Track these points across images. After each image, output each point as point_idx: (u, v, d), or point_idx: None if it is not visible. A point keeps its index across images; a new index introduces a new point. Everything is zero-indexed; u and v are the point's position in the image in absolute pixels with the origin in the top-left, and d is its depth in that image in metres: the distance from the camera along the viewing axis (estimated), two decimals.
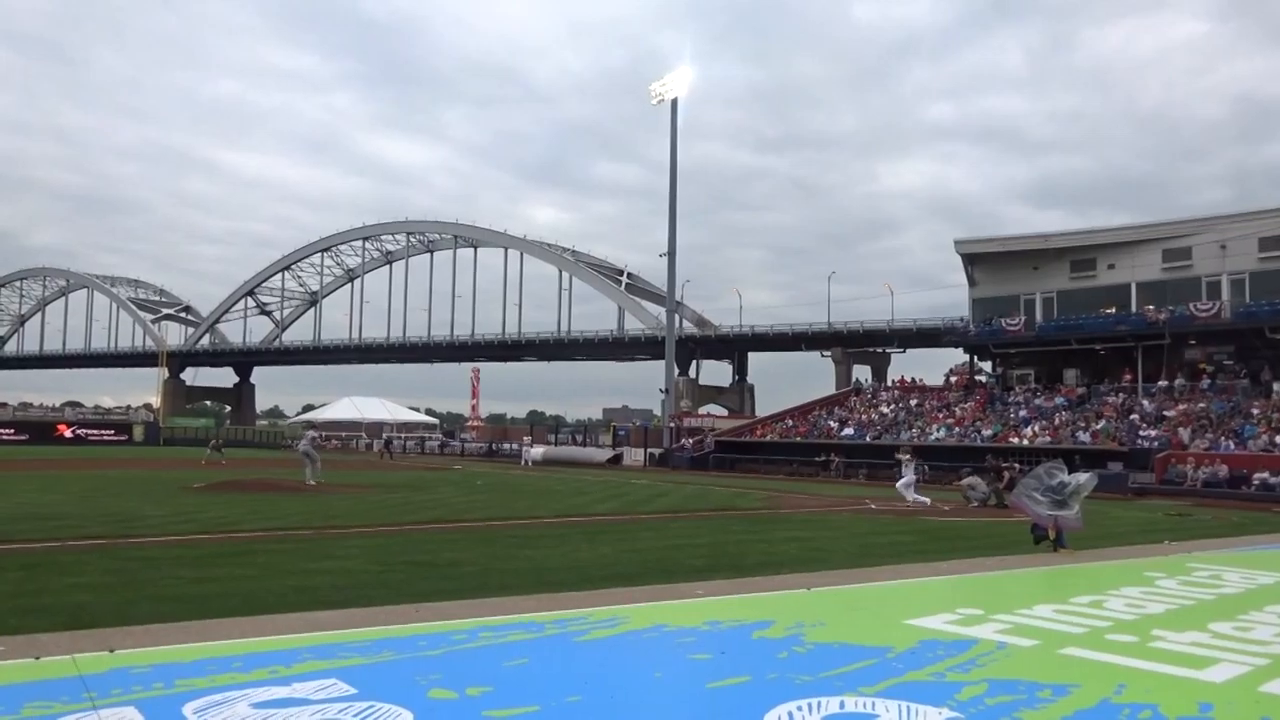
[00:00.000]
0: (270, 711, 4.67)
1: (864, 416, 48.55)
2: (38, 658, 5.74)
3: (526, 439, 56.73)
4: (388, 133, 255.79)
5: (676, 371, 77.16)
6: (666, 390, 64.08)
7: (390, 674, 5.52)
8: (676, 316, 75.14)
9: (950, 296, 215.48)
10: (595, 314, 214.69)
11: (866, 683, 5.45)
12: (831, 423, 48.73)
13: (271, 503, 20.40)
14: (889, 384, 59.31)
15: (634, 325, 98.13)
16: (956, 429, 42.78)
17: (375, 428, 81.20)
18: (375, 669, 5.59)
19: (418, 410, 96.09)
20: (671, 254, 61.67)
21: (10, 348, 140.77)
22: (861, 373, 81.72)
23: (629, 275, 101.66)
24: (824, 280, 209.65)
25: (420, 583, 10.33)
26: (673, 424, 59.05)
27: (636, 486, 30.76)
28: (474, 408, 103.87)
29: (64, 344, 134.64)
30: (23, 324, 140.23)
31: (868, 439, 44.49)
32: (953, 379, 51.69)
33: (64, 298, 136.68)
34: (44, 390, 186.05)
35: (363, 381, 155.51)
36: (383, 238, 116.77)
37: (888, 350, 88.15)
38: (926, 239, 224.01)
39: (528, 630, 6.76)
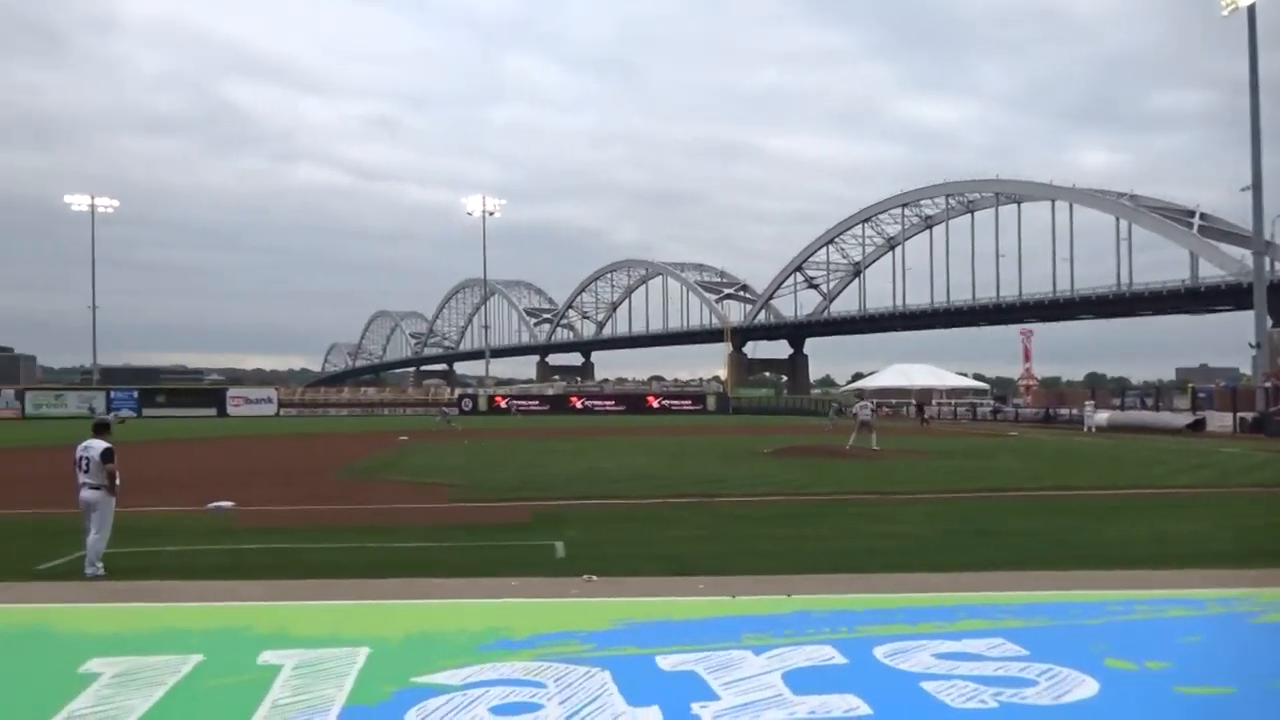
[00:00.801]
0: (954, 664, 4.90)
1: None
2: (734, 596, 6.62)
3: (1089, 403, 52.46)
4: (918, 95, 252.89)
5: (1270, 323, 66.06)
6: (1258, 344, 55.16)
7: (1055, 638, 5.49)
8: (1266, 258, 64.27)
9: None
10: (1160, 263, 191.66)
11: None
12: None
13: (834, 468, 21.32)
14: None
15: (1211, 272, 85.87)
16: None
17: (924, 394, 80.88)
18: (1039, 632, 5.60)
19: (965, 375, 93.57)
20: (1256, 186, 52.88)
21: (606, 331, 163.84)
22: None
23: (1201, 216, 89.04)
24: None
25: (989, 550, 10.15)
26: (1269, 384, 50.74)
27: (1228, 455, 26.97)
28: (1027, 371, 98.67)
29: (646, 325, 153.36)
30: (614, 310, 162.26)
31: None
32: None
33: (644, 285, 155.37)
34: (633, 366, 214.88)
35: (907, 348, 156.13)
36: (921, 203, 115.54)
37: None
38: None
39: (1188, 607, 6.37)
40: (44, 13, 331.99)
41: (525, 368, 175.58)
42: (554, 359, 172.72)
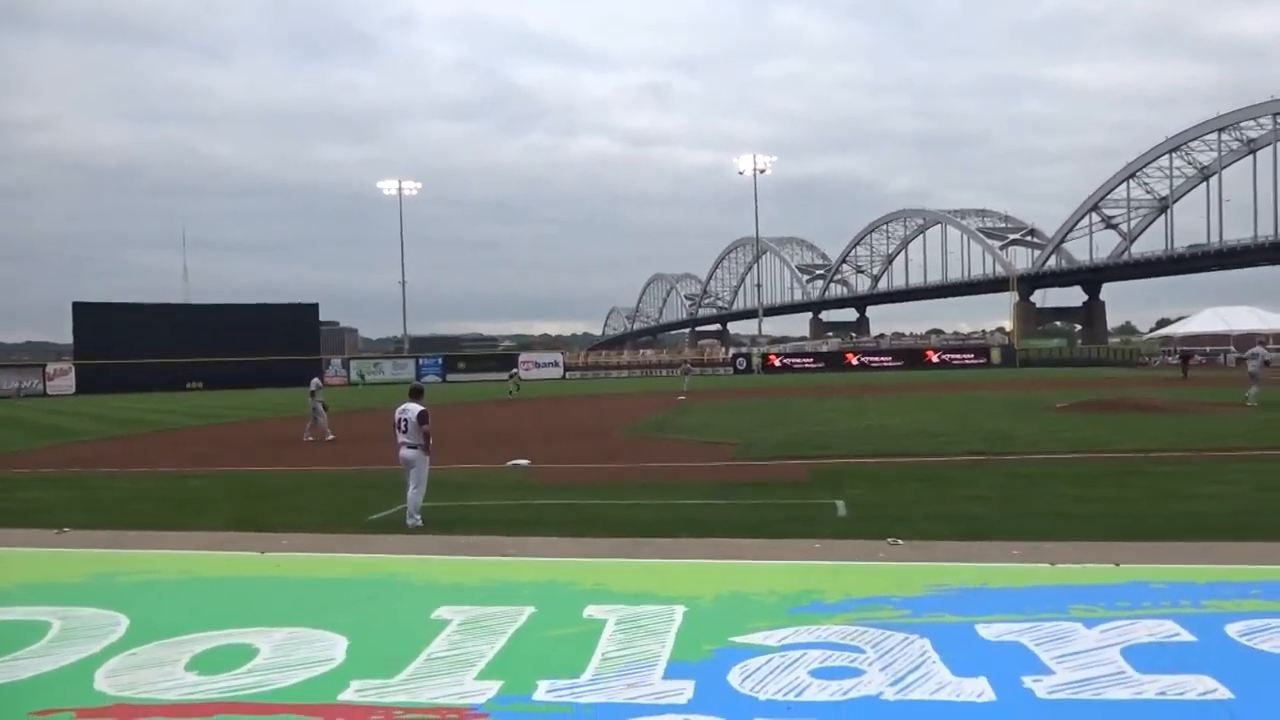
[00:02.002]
0: None
1: None
2: (1053, 564, 6.46)
3: None
4: (1235, 5, 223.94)
5: None
6: None
7: None
8: None
9: None
10: None
11: None
12: None
13: (1138, 423, 19.80)
14: None
15: None
16: None
17: (1245, 340, 72.71)
18: None
19: None
20: None
21: (882, 284, 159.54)
22: None
23: None
24: None
25: None
26: None
27: None
28: None
29: (925, 277, 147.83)
30: (890, 263, 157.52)
31: None
32: None
33: (921, 235, 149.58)
34: (911, 320, 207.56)
35: (1223, 289, 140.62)
36: (1242, 125, 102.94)
37: None
38: None
39: None
40: (353, 16, 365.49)
41: (799, 325, 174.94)
42: (827, 315, 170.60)
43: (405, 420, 10.02)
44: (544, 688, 4.40)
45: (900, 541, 7.40)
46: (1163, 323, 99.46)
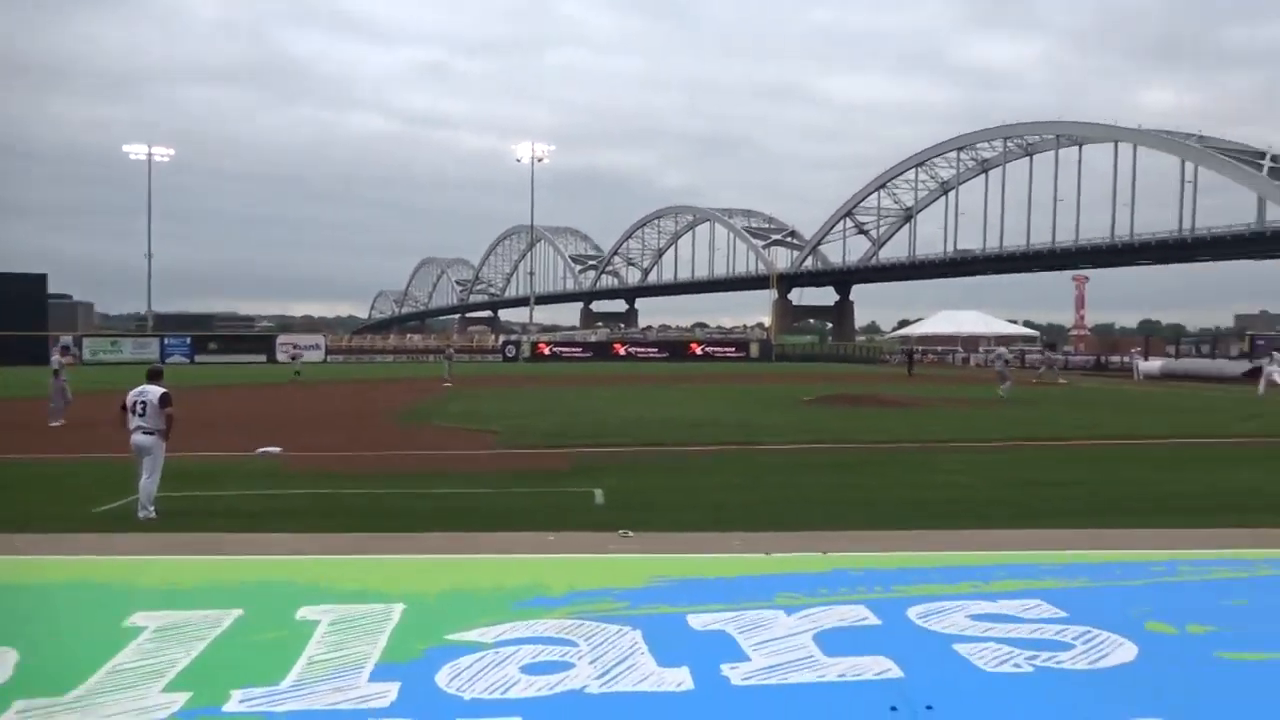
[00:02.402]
0: (987, 625, 4.84)
1: None
2: (768, 553, 6.62)
3: (1135, 349, 51.60)
4: (982, 34, 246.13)
5: None
6: None
7: (1096, 600, 5.42)
8: None
9: None
10: (1225, 207, 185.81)
11: None
12: None
13: (877, 416, 21.19)
14: None
15: (1277, 215, 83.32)
16: None
17: (972, 342, 79.89)
18: (1077, 593, 5.52)
19: (1015, 322, 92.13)
20: None
21: (651, 277, 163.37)
22: None
23: (1273, 158, 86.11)
24: None
25: (1034, 502, 10.07)
26: None
27: None
28: (1080, 318, 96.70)
29: (693, 272, 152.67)
30: (660, 257, 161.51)
31: None
32: None
33: (691, 231, 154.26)
34: (678, 313, 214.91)
35: (957, 294, 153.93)
36: (978, 146, 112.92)
37: None
38: None
39: (1235, 568, 6.21)
40: None
41: (570, 314, 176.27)
42: (598, 306, 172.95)
43: (144, 403, 9.28)
44: (237, 697, 4.09)
45: (631, 534, 7.44)
46: (903, 323, 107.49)
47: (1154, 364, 48.14)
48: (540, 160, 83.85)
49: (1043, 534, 7.52)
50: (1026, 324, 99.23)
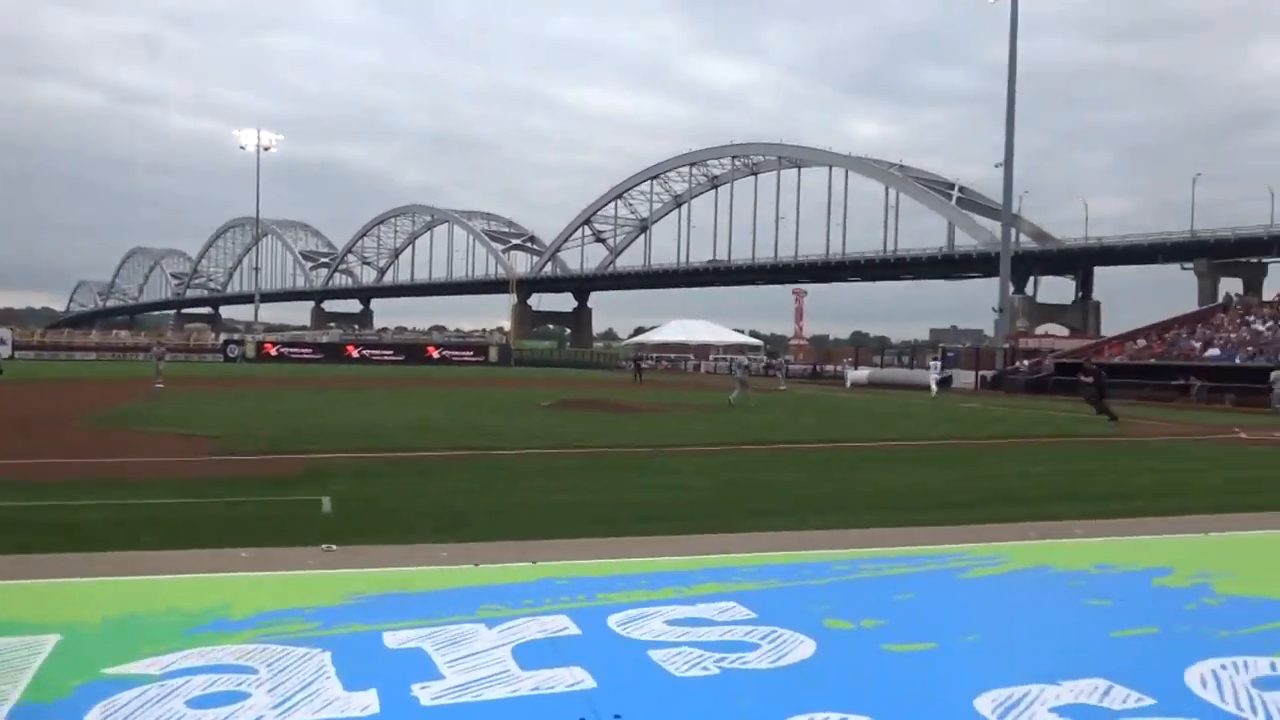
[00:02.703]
0: (683, 630, 4.86)
1: (1234, 335, 43.17)
2: (476, 564, 6.41)
3: (847, 360, 56.07)
4: (710, 55, 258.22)
5: (1012, 289, 72.45)
6: (1001, 309, 60.42)
7: (784, 600, 5.59)
8: (1013, 230, 70.30)
9: None
10: (923, 231, 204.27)
11: None
12: (1194, 342, 43.80)
13: (612, 421, 21.63)
14: (1265, 299, 52.20)
15: (965, 241, 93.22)
16: None
17: (703, 349, 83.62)
18: (769, 594, 5.68)
19: (741, 332, 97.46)
20: (1008, 162, 57.52)
21: (388, 278, 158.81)
22: (1229, 287, 72.47)
23: (960, 189, 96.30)
24: (1182, 185, 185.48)
25: (752, 501, 10.58)
26: (1007, 345, 55.78)
27: (969, 410, 29.47)
28: (799, 329, 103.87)
29: (430, 273, 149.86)
30: (396, 256, 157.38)
31: (1237, 360, 39.61)
32: None
33: (429, 232, 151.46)
34: (415, 315, 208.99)
35: (689, 304, 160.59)
36: (709, 162, 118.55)
37: (1264, 260, 77.41)
38: None
39: (908, 564, 6.65)
40: None
41: (300, 314, 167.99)
42: (331, 305, 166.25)
43: None
44: None
45: (335, 547, 7.08)
46: (639, 330, 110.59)
47: (862, 373, 52.44)
48: (267, 149, 79.63)
49: (745, 537, 7.82)
50: (752, 334, 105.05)
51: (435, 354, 79.43)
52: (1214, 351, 41.56)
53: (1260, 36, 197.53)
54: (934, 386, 44.03)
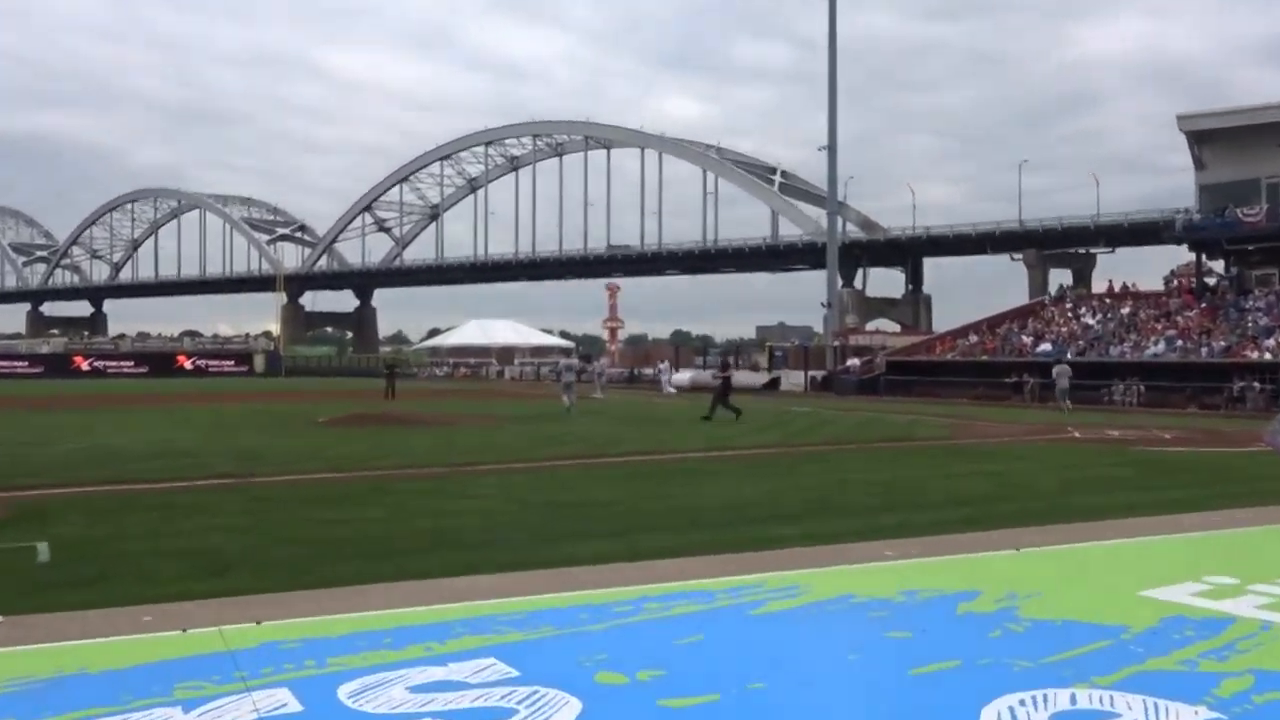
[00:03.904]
0: (428, 696, 4.68)
1: (1064, 329, 46.88)
2: (184, 630, 5.97)
3: (662, 363, 56.90)
4: (503, 21, 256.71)
5: (840, 283, 76.03)
6: (829, 304, 63.36)
7: (553, 652, 5.46)
8: (839, 219, 73.73)
9: (1168, 183, 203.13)
10: (745, 219, 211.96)
11: (1100, 671, 5.10)
12: (1025, 337, 47.25)
13: (399, 437, 21.33)
14: (1094, 290, 56.94)
15: (790, 231, 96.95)
16: (1180, 342, 40.84)
17: (506, 353, 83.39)
18: (536, 646, 5.56)
19: (551, 333, 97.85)
20: (832, 146, 60.30)
21: (125, 275, 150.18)
22: (1060, 278, 78.67)
23: (783, 174, 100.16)
24: (1011, 170, 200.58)
25: (562, 523, 10.67)
26: (837, 342, 58.47)
27: (797, 414, 30.70)
28: (613, 332, 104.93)
29: (179, 269, 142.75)
30: (135, 249, 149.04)
31: (1069, 356, 43.02)
32: (1174, 282, 49.21)
33: (176, 220, 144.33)
34: (162, 319, 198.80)
35: (491, 302, 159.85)
36: (506, 141, 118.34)
37: (1092, 251, 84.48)
38: (1138, 115, 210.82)
39: (697, 601, 6.66)
40: None
41: (12, 319, 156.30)
42: (52, 308, 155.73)
43: None
44: None
45: (3, 618, 6.56)
46: (433, 332, 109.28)
47: (684, 375, 53.69)
48: None
49: (504, 579, 7.67)
50: (563, 334, 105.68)
51: (188, 364, 75.83)
52: (1045, 346, 44.95)
53: (1082, 16, 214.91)
54: (669, 387, 46.94)
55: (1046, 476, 15.22)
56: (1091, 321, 46.94)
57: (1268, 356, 36.22)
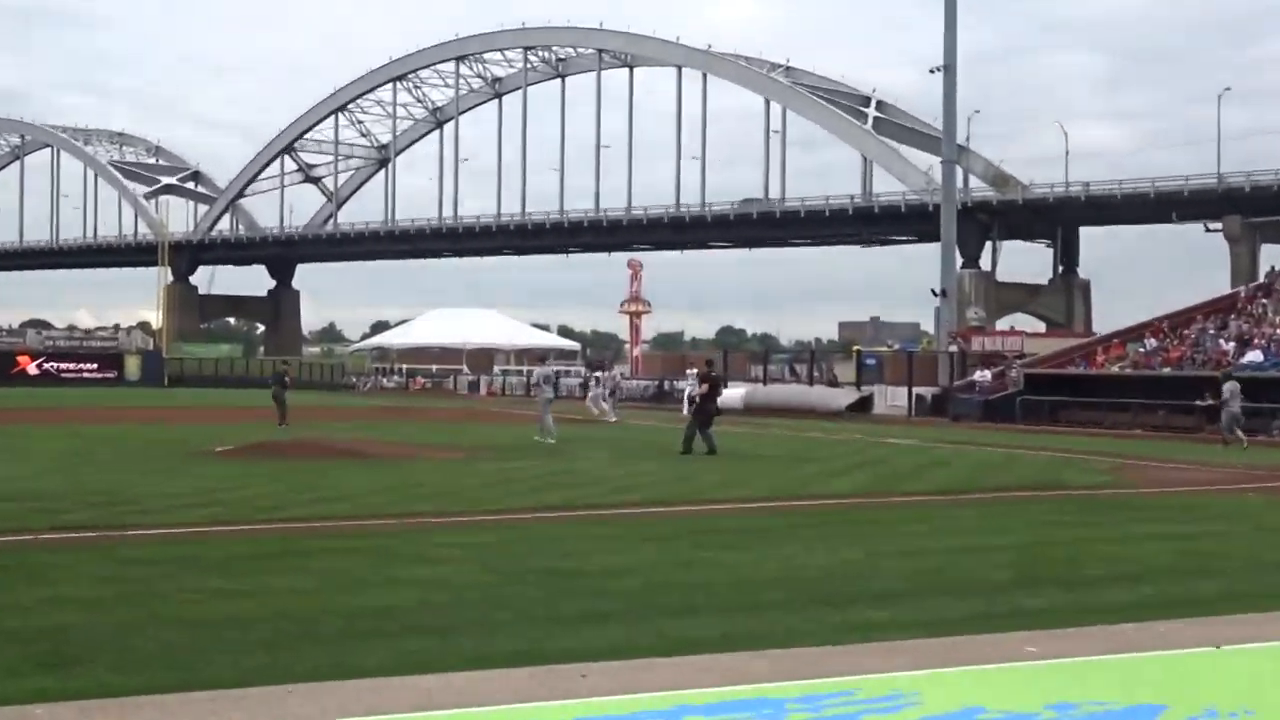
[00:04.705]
0: None
1: None
2: None
3: (691, 371, 54.11)
4: None
5: (960, 262, 75.78)
6: (944, 292, 63.01)
7: None
8: (959, 170, 73.47)
9: None
10: (825, 169, 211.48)
11: None
12: (1225, 342, 46.87)
13: (328, 475, 21.30)
14: None
15: (888, 187, 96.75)
16: None
17: (482, 356, 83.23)
18: None
19: (547, 329, 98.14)
20: (950, 66, 60.07)
21: None
22: (1275, 257, 78.25)
23: (879, 106, 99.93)
24: (1206, 102, 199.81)
25: (559, 601, 10.61)
26: (954, 347, 58.23)
27: (898, 449, 30.54)
28: (635, 328, 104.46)
29: (20, 233, 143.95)
30: None
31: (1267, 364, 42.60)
32: None
33: (17, 162, 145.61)
34: None
35: (462, 285, 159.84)
36: (486, 56, 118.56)
37: None
38: None
39: (756, 709, 6.65)
40: None
41: None
42: None
43: None
44: None
45: None
46: (379, 327, 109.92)
47: (737, 391, 53.24)
48: None
49: (462, 679, 7.70)
50: (563, 331, 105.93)
51: (31, 368, 76.31)
52: (1254, 356, 44.47)
53: None
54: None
55: (1258, 543, 15.06)
56: None
57: None
